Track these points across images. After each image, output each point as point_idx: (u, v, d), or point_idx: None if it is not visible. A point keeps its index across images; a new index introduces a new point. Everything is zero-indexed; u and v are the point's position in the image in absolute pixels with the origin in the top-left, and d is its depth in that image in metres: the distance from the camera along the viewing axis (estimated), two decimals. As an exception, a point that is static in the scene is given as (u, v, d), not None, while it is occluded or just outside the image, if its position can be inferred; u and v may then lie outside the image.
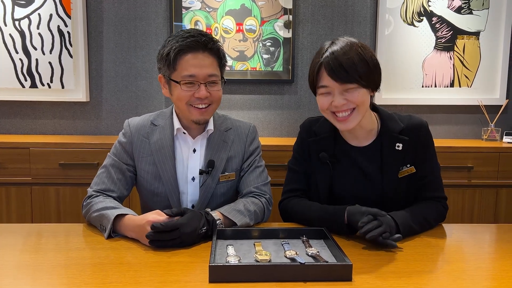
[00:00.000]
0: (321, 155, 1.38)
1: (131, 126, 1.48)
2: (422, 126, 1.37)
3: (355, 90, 1.26)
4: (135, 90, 2.69)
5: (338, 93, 1.26)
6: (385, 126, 1.37)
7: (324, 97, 1.30)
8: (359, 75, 1.24)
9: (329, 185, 1.40)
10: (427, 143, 1.37)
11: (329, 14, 2.69)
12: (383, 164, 1.35)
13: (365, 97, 1.28)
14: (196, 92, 1.35)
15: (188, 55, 1.34)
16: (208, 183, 1.43)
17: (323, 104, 1.31)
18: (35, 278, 0.98)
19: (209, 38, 1.36)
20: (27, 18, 2.55)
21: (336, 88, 1.26)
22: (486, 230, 1.41)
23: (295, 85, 2.72)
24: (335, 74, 1.23)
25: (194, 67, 1.34)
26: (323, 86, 1.28)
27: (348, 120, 1.29)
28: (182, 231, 1.13)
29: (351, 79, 1.24)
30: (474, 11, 2.69)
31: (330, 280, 0.95)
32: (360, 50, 1.26)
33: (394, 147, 1.34)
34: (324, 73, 1.26)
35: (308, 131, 1.45)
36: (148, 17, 2.64)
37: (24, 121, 2.68)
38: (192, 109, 1.38)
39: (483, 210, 2.41)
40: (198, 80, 1.35)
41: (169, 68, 1.36)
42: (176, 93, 1.37)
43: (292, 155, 1.51)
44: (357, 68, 1.24)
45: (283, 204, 1.47)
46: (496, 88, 2.76)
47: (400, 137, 1.34)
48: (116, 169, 1.44)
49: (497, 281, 0.99)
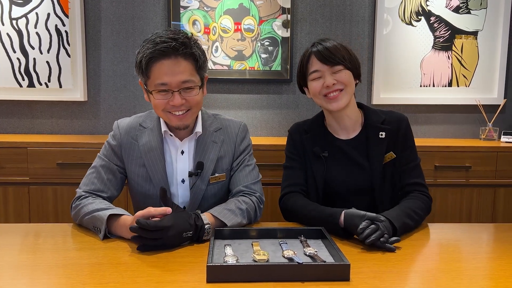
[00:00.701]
0: (315, 149, 1.48)
1: (120, 128, 1.46)
2: (402, 119, 1.50)
3: (342, 72, 1.42)
4: (133, 90, 2.68)
5: (328, 75, 1.42)
6: (368, 118, 1.50)
7: (315, 82, 1.45)
8: (343, 57, 1.42)
9: (325, 178, 1.47)
10: (407, 134, 1.48)
11: (327, 14, 2.69)
12: (369, 152, 1.46)
13: (351, 78, 1.45)
14: (170, 100, 1.31)
15: (160, 62, 1.28)
16: (197, 185, 1.42)
17: (315, 88, 1.45)
18: (33, 278, 0.97)
19: (180, 42, 1.28)
20: (25, 17, 2.54)
21: (326, 71, 1.42)
22: (484, 229, 1.42)
23: (293, 85, 2.72)
24: (324, 57, 1.41)
25: (166, 75, 1.28)
26: (314, 71, 1.44)
27: (338, 97, 1.43)
28: (165, 233, 1.12)
29: (338, 60, 1.41)
30: (472, 10, 2.70)
31: (328, 280, 0.95)
32: (343, 44, 1.47)
33: (377, 135, 1.46)
34: (314, 59, 1.44)
35: (299, 131, 1.55)
36: (146, 16, 2.64)
37: (22, 121, 2.68)
38: (170, 116, 1.35)
39: (481, 210, 2.41)
40: (171, 88, 1.29)
41: (144, 76, 1.33)
42: (152, 101, 1.35)
43: (286, 157, 1.57)
44: (342, 53, 1.43)
45: (283, 201, 1.48)
46: (494, 88, 2.76)
47: (382, 126, 1.47)
48: (106, 170, 1.42)
49: (495, 281, 0.99)
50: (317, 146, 1.49)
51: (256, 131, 2.75)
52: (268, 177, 2.21)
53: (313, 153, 1.48)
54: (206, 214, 1.27)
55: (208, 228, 1.21)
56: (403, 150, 1.46)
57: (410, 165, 1.46)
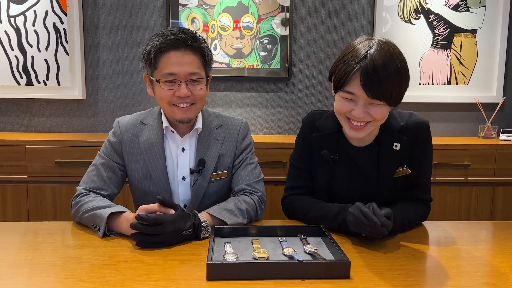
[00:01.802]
0: (323, 153, 1.37)
1: (120, 125, 1.47)
2: (422, 125, 1.34)
3: (380, 106, 1.21)
4: (131, 88, 2.68)
5: (362, 104, 1.20)
6: (385, 124, 1.32)
7: (345, 101, 1.23)
8: (391, 94, 1.18)
9: (328, 182, 1.39)
10: (425, 144, 1.35)
11: (326, 12, 2.68)
12: (380, 163, 1.34)
13: (386, 114, 1.25)
14: (176, 91, 1.33)
15: (169, 53, 1.32)
16: (199, 183, 1.42)
17: (341, 109, 1.25)
18: (32, 277, 0.97)
19: (190, 35, 1.33)
20: (23, 15, 2.53)
21: (363, 100, 1.20)
22: (483, 227, 1.42)
23: (292, 83, 2.72)
24: (369, 87, 1.16)
25: (175, 65, 1.31)
26: (349, 92, 1.20)
27: (361, 130, 1.25)
28: (165, 229, 1.12)
29: (382, 97, 1.18)
30: (471, 8, 2.70)
31: (328, 278, 0.95)
32: (399, 64, 1.18)
33: (392, 146, 1.32)
34: (356, 81, 1.18)
35: (311, 125, 1.43)
36: (144, 14, 2.63)
37: (20, 119, 2.67)
38: (174, 109, 1.36)
39: (480, 208, 2.42)
40: (179, 78, 1.32)
41: (151, 67, 1.35)
42: (158, 92, 1.36)
43: (294, 150, 1.48)
44: (393, 87, 1.17)
45: (286, 201, 1.46)
46: (493, 86, 2.76)
47: (399, 136, 1.32)
48: (106, 168, 1.42)
49: (494, 278, 0.99)
50: (326, 147, 1.37)
51: (255, 129, 2.75)
52: (268, 175, 2.20)
53: (320, 155, 1.38)
54: (203, 213, 1.27)
55: (206, 225, 1.21)
56: (417, 164, 1.34)
57: (422, 180, 1.36)
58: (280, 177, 2.27)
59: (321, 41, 2.69)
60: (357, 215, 1.14)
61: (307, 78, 2.71)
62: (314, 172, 1.42)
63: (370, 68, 1.15)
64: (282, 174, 2.26)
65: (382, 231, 1.11)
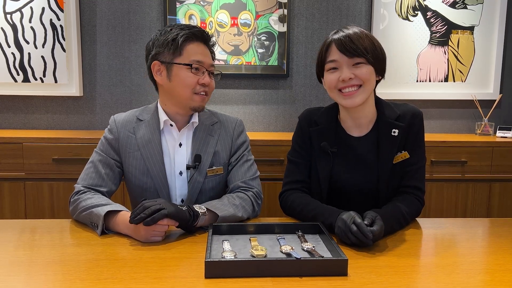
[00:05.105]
0: (323, 145, 1.40)
1: (116, 122, 1.47)
2: (417, 114, 1.40)
3: (362, 66, 1.30)
4: (129, 85, 2.67)
5: (346, 67, 1.31)
6: (382, 113, 1.40)
7: (331, 73, 1.34)
8: (366, 49, 1.29)
9: (329, 173, 1.40)
10: (419, 132, 1.40)
11: (324, 8, 2.68)
12: (380, 150, 1.38)
13: (371, 75, 1.32)
14: (201, 78, 1.39)
15: (195, 43, 1.40)
16: (195, 178, 1.43)
17: (331, 81, 1.34)
18: (30, 275, 0.97)
19: (208, 34, 1.44)
20: (19, 11, 2.52)
21: (344, 62, 1.31)
22: (479, 224, 1.43)
23: (290, 80, 2.71)
24: (344, 46, 1.28)
25: (201, 55, 1.39)
26: (331, 61, 1.33)
27: (353, 95, 1.32)
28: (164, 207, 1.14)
29: (359, 52, 1.28)
30: (468, 6, 2.70)
31: (326, 275, 0.96)
32: (368, 34, 1.34)
33: (390, 133, 1.37)
34: (333, 48, 1.32)
35: (309, 121, 1.46)
36: (142, 10, 2.62)
37: (17, 116, 2.66)
38: (195, 96, 1.40)
39: (477, 204, 2.43)
40: (205, 66, 1.40)
41: (174, 53, 1.38)
42: (182, 78, 1.38)
43: (292, 147, 1.50)
44: (365, 44, 1.29)
45: (283, 197, 1.46)
46: (490, 83, 2.77)
47: (396, 123, 1.38)
48: (103, 164, 1.43)
49: (491, 275, 1.00)
50: (325, 140, 1.40)
51: (253, 126, 2.75)
52: (265, 172, 2.21)
53: (320, 148, 1.41)
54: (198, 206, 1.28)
55: (203, 213, 1.21)
56: (412, 149, 1.39)
57: (414, 166, 1.39)
58: (278, 174, 2.27)
59: (319, 38, 2.69)
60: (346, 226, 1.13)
61: (304, 75, 2.71)
62: (315, 165, 1.43)
63: (342, 35, 1.31)
64: (279, 171, 2.26)
65: (368, 243, 1.11)
